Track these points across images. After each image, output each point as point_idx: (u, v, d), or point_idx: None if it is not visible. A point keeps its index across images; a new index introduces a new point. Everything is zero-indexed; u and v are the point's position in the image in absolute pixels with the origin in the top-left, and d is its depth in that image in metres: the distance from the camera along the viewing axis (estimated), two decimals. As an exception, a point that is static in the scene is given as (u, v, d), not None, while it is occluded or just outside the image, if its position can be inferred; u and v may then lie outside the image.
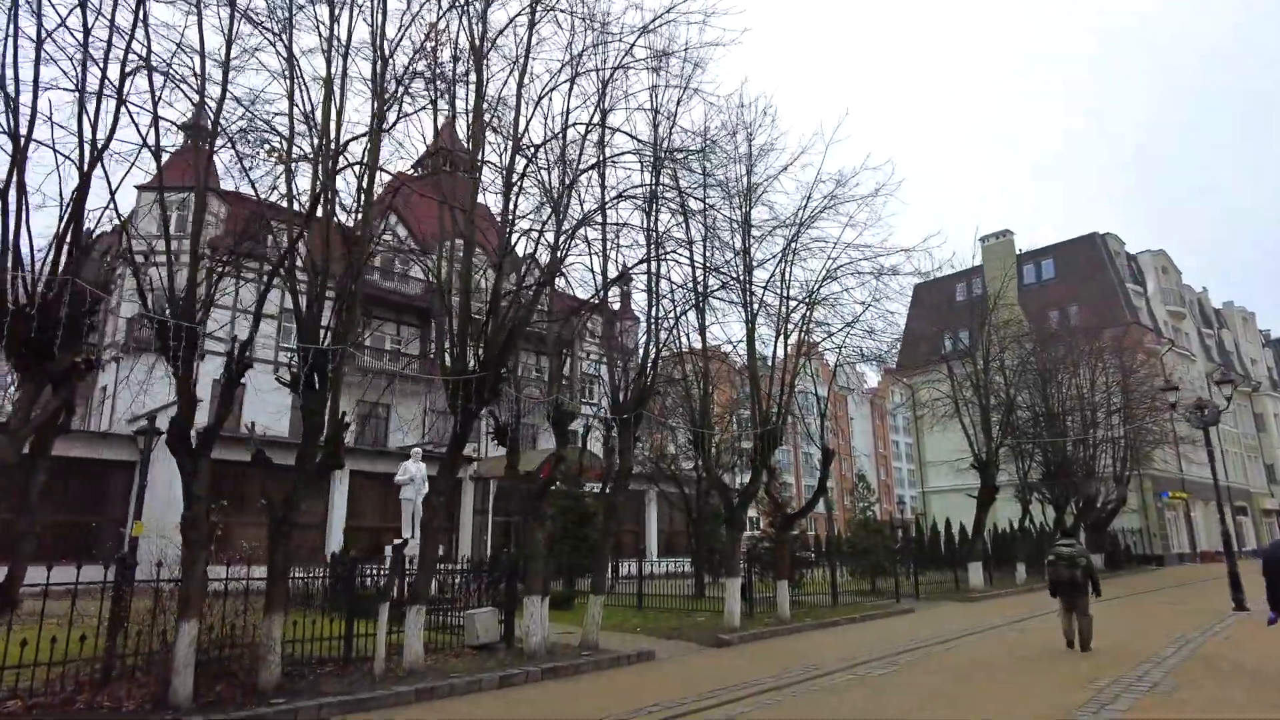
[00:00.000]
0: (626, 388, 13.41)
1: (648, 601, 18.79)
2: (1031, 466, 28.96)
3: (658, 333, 13.11)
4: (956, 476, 38.23)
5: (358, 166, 9.27)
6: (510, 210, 10.36)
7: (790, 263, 14.80)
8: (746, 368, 15.38)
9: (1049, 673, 10.31)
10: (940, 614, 18.93)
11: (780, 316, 14.99)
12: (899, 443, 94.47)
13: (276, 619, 8.97)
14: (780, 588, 16.10)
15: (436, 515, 10.37)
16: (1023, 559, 27.00)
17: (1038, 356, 27.60)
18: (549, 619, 12.16)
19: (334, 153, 8.94)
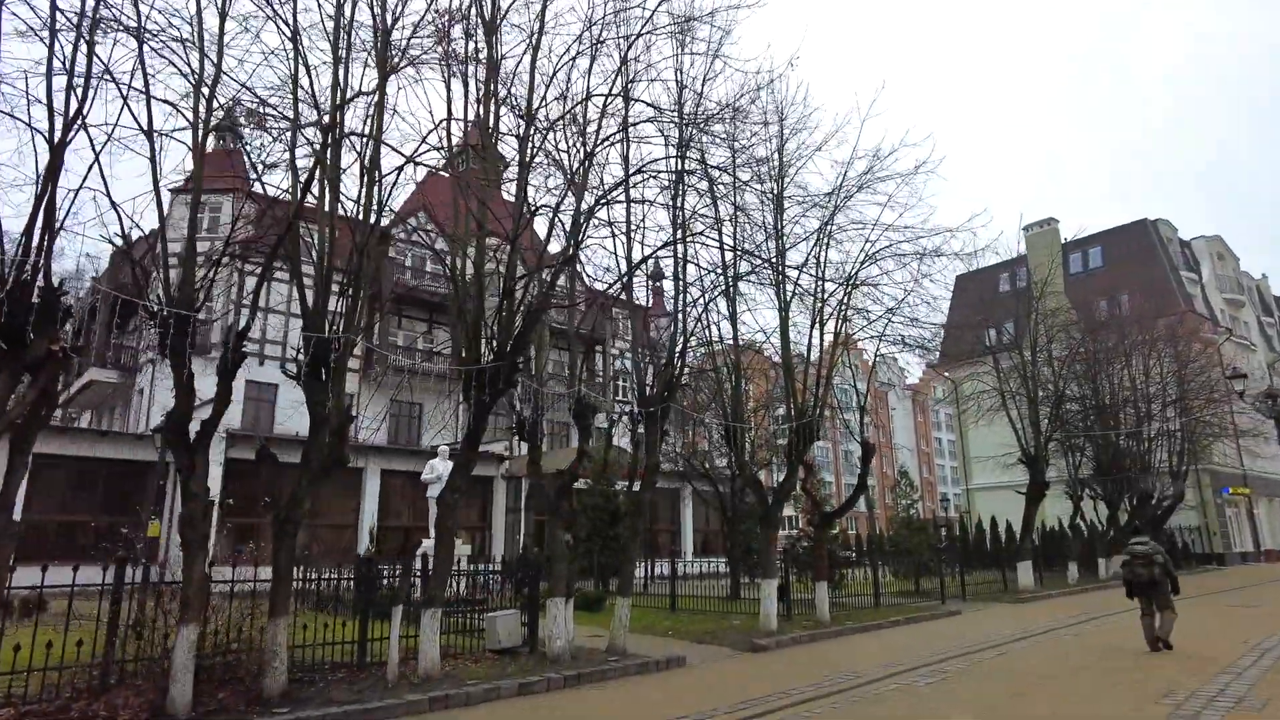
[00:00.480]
0: (653, 379, 12.77)
1: (681, 603, 18.13)
2: (1082, 461, 27.67)
3: (685, 321, 12.44)
4: (1002, 473, 36.85)
5: (360, 139, 8.73)
6: (524, 187, 9.77)
7: (826, 245, 14.03)
8: (780, 358, 14.61)
9: (1116, 684, 9.46)
10: (989, 616, 18.00)
11: (816, 298, 14.20)
12: (941, 439, 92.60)
13: (281, 623, 8.51)
14: (819, 589, 15.35)
15: (451, 514, 9.84)
16: (1074, 558, 25.79)
17: (1087, 345, 26.29)
18: (576, 622, 11.62)
19: (333, 123, 8.41)
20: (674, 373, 12.64)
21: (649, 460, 12.55)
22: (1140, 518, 30.17)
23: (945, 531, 39.24)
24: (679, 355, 12.47)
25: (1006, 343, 26.72)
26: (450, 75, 9.83)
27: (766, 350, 15.24)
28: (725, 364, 14.74)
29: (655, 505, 37.00)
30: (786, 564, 16.03)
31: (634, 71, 10.60)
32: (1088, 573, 26.47)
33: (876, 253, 14.34)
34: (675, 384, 12.74)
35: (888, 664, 11.19)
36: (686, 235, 11.89)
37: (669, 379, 12.61)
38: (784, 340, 14.34)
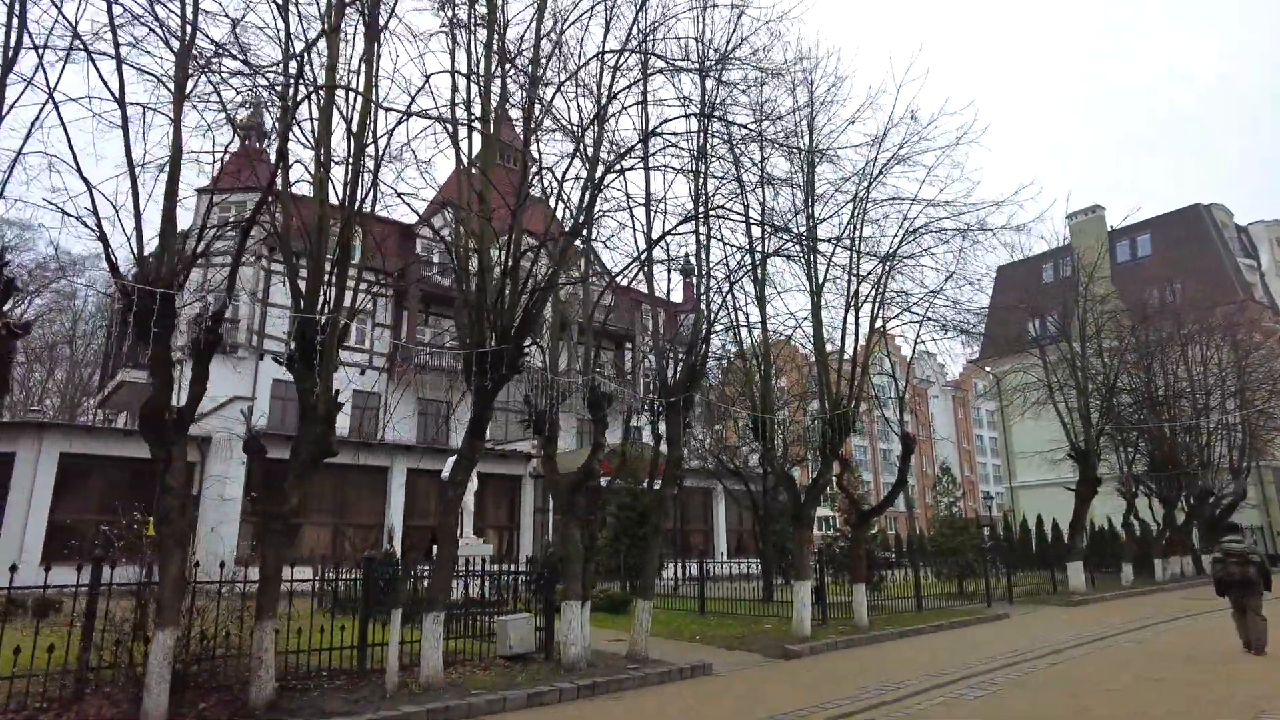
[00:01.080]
0: (675, 367, 11.98)
1: (711, 606, 17.31)
2: (1135, 457, 26.20)
3: (709, 304, 11.62)
4: (1049, 470, 35.37)
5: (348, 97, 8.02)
6: (528, 146, 9.00)
7: (861, 220, 13.06)
8: (812, 346, 13.71)
9: (1195, 700, 8.45)
10: (1038, 620, 16.89)
11: (851, 275, 13.23)
12: (983, 437, 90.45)
13: (268, 627, 7.88)
14: (856, 592, 14.42)
15: (453, 510, 9.15)
16: (1129, 559, 24.39)
17: (1139, 334, 24.81)
18: (600, 625, 10.91)
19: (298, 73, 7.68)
20: (697, 361, 11.83)
21: (671, 454, 11.76)
22: (1198, 516, 28.63)
23: (988, 531, 37.90)
24: (702, 342, 11.66)
25: (1053, 333, 25.46)
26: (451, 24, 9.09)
27: (797, 338, 14.31)
28: (753, 351, 13.87)
29: (687, 505, 36.20)
30: (821, 565, 15.13)
31: (650, 20, 9.75)
32: (1142, 574, 25.07)
33: (916, 230, 13.39)
34: (699, 373, 11.93)
35: (931, 673, 10.28)
36: (709, 209, 11.04)
37: (692, 368, 11.81)
38: (816, 325, 13.44)
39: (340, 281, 8.07)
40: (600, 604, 18.00)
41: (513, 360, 8.70)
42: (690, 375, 11.82)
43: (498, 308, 8.62)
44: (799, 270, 13.88)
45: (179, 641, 7.74)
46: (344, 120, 8.06)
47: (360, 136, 7.99)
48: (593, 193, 9.22)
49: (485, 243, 8.71)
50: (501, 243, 8.75)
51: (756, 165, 12.16)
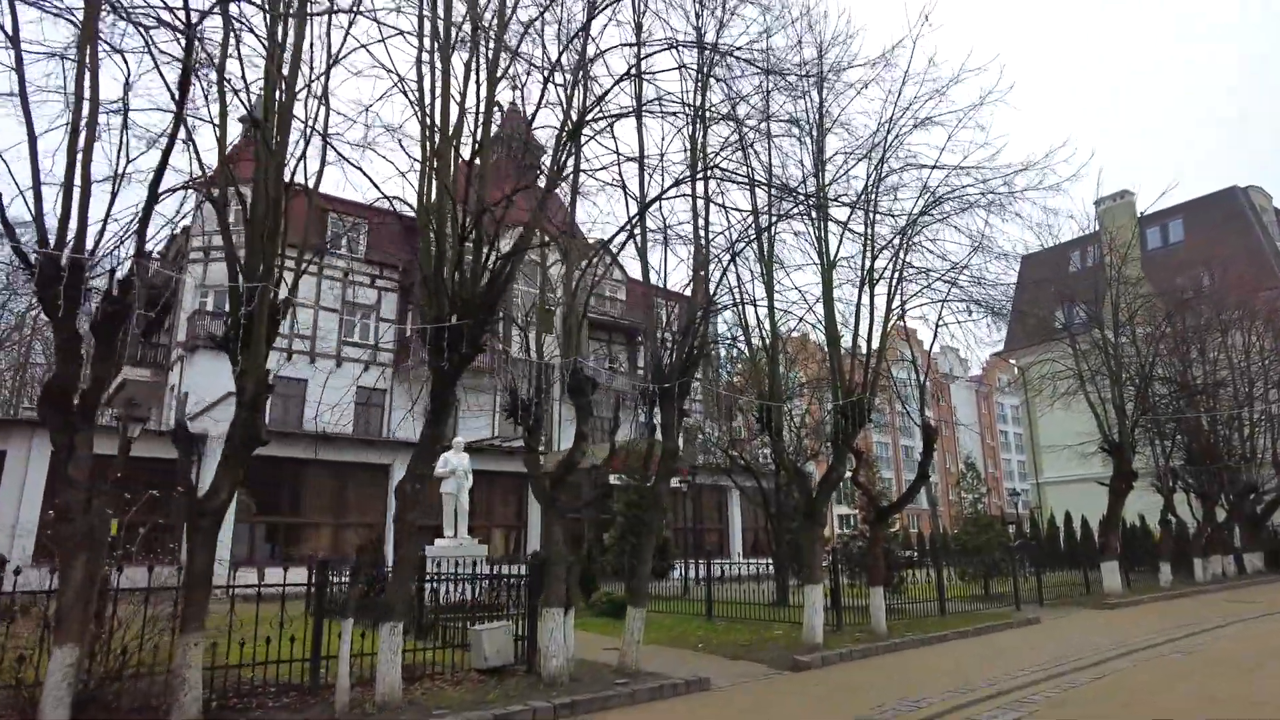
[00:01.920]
0: (671, 350, 10.90)
1: (720, 610, 16.21)
2: (1172, 450, 24.67)
3: (707, 279, 10.52)
4: (1078, 465, 33.87)
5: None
6: (495, 69, 7.88)
7: (876, 188, 11.90)
8: (823, 329, 12.52)
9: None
10: (1072, 625, 15.63)
11: (865, 246, 12.03)
12: (1007, 432, 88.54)
13: (193, 640, 6.89)
14: (874, 596, 13.26)
15: (412, 505, 8.12)
16: (1166, 558, 22.92)
17: (1176, 320, 23.28)
18: (600, 631, 9.89)
19: None
20: (694, 343, 10.73)
21: (665, 446, 10.68)
22: (1239, 513, 27.09)
23: (1014, 529, 36.45)
24: (699, 321, 10.56)
25: (1083, 319, 24.06)
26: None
27: (809, 321, 13.11)
28: (760, 334, 12.73)
29: (701, 503, 35.08)
30: (836, 566, 13.98)
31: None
32: (1180, 575, 23.60)
33: (937, 198, 12.19)
34: (695, 357, 10.83)
35: (956, 688, 9.13)
36: (707, 168, 9.88)
37: (688, 351, 10.72)
38: (827, 304, 12.27)
39: (271, 247, 7.04)
40: (602, 607, 16.95)
41: (474, 337, 7.65)
42: (686, 359, 10.72)
43: (456, 277, 7.57)
44: (808, 247, 12.76)
45: (90, 658, 6.79)
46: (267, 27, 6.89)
47: (296, 62, 6.93)
48: (570, 138, 8.13)
49: (444, 201, 7.65)
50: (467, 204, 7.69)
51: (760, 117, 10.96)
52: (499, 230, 7.82)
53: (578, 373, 9.56)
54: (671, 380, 10.54)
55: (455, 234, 7.50)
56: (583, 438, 9.75)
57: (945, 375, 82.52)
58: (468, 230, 7.43)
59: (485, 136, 7.87)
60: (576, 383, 9.59)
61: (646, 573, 10.51)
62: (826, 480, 12.49)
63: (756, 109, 10.98)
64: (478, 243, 7.85)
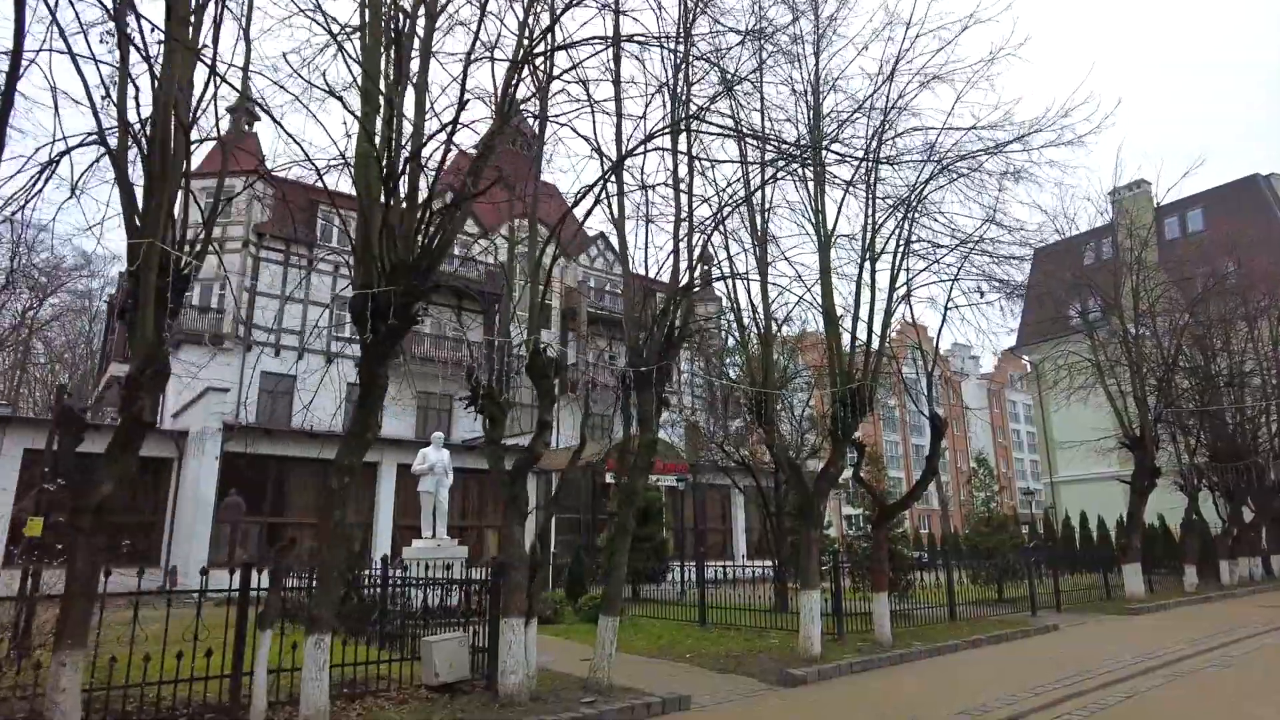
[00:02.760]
0: (648, 330, 9.82)
1: (715, 616, 15.12)
2: (1196, 447, 23.36)
3: (690, 246, 9.43)
4: (1093, 463, 32.63)
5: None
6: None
7: (878, 149, 10.71)
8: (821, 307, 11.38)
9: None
10: (1095, 634, 14.50)
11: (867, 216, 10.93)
12: (1019, 431, 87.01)
13: (70, 657, 5.86)
14: (877, 601, 12.15)
15: (339, 502, 7.08)
16: (1191, 560, 21.65)
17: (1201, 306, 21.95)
18: (580, 640, 8.89)
19: None
20: (674, 322, 9.66)
21: (642, 437, 9.61)
22: (1266, 513, 25.77)
23: (1028, 529, 35.25)
24: (680, 296, 9.47)
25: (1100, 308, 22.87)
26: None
27: (807, 300, 11.90)
28: (753, 314, 11.60)
29: (705, 503, 33.94)
30: (836, 568, 12.86)
31: None
32: (1205, 578, 22.35)
33: (944, 166, 11.04)
34: (678, 338, 9.76)
35: (968, 708, 8.04)
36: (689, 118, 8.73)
37: (669, 330, 9.65)
38: (825, 280, 11.10)
39: (168, 187, 5.98)
40: (589, 613, 15.88)
41: (405, 306, 6.60)
42: (666, 340, 9.66)
43: (384, 236, 6.51)
44: (804, 220, 11.65)
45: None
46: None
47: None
48: (523, 63, 7.04)
49: (367, 145, 6.57)
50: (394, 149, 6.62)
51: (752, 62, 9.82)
52: (435, 184, 6.78)
53: (538, 353, 8.50)
54: (649, 363, 9.48)
55: (381, 185, 6.44)
56: (545, 426, 8.70)
57: (957, 373, 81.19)
58: (390, 177, 6.36)
59: (422, 75, 6.83)
60: (537, 364, 8.53)
61: (620, 577, 9.43)
62: (824, 476, 11.36)
63: (747, 54, 9.85)
64: (410, 197, 6.81)
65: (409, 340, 32.01)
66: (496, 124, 7.10)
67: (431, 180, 6.92)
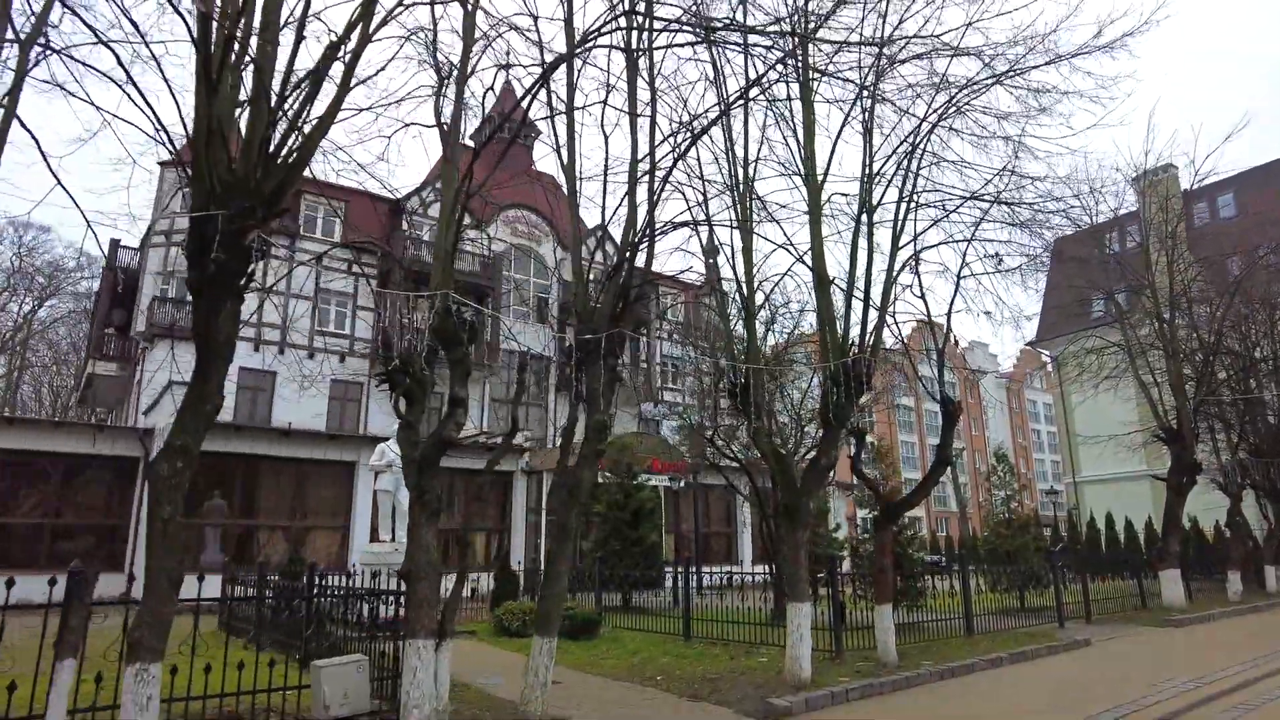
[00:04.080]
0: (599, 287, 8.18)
1: (702, 628, 13.40)
2: (1240, 441, 21.29)
3: (652, 177, 7.73)
4: (1119, 461, 30.71)
5: None
6: None
7: (875, 87, 8.95)
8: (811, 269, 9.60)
9: None
10: (1133, 650, 12.69)
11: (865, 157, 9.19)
12: (1040, 431, 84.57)
13: None
14: (880, 615, 10.41)
15: (170, 495, 5.47)
16: (1235, 566, 19.64)
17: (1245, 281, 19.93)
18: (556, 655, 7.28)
19: None
20: (630, 276, 8.01)
21: (591, 419, 7.96)
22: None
23: (1050, 532, 33.30)
24: (639, 239, 7.80)
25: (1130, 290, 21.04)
26: None
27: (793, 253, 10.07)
28: (733, 270, 9.82)
29: (708, 505, 32.22)
30: (833, 575, 11.11)
31: None
32: (1249, 585, 20.36)
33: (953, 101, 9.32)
34: (633, 297, 8.10)
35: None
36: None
37: (622, 288, 8.01)
38: (815, 232, 9.29)
39: None
40: (561, 629, 14.20)
41: (238, 236, 4.96)
42: (620, 300, 8.01)
43: (206, 138, 4.89)
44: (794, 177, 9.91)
45: None
46: None
47: None
48: None
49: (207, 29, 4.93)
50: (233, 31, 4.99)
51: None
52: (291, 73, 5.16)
53: (448, 314, 6.87)
54: (598, 329, 7.83)
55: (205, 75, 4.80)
56: (458, 404, 7.08)
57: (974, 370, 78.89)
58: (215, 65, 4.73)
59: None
60: (446, 328, 6.90)
61: (559, 591, 7.77)
62: (814, 467, 9.60)
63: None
64: (255, 99, 5.21)
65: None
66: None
67: (285, 69, 5.31)
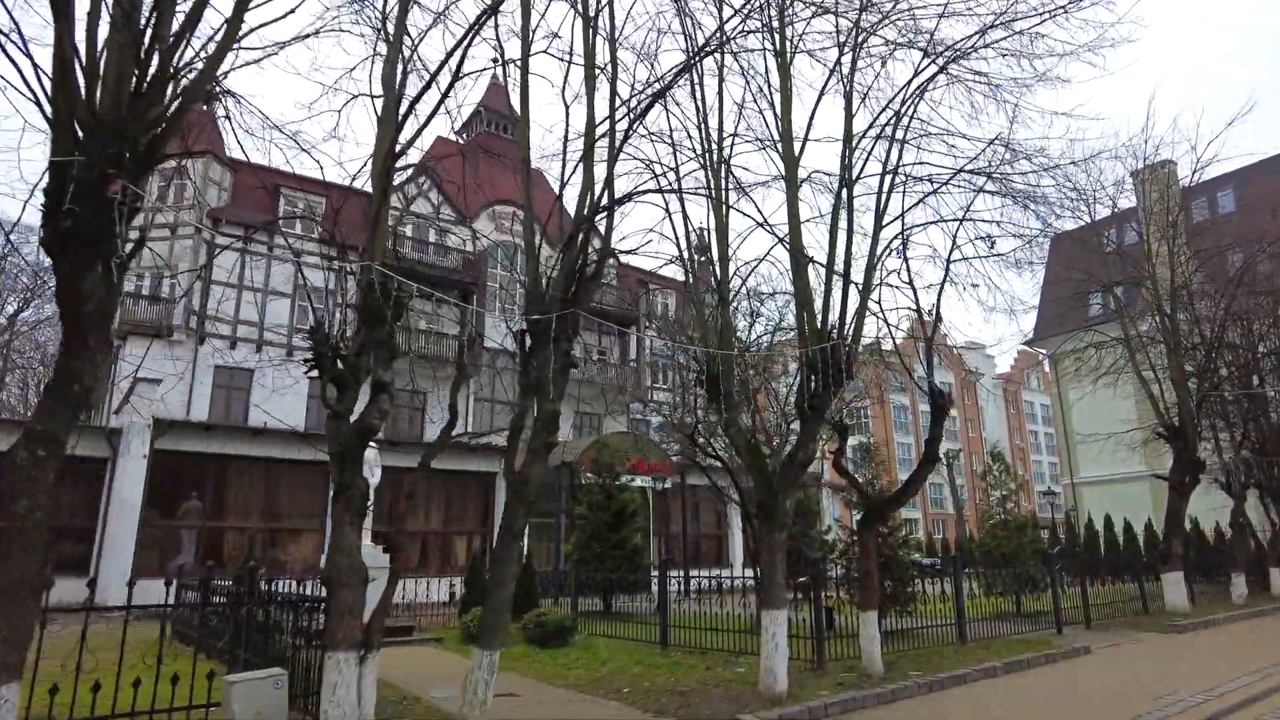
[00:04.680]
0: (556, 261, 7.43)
1: (681, 636, 12.64)
2: (1243, 440, 20.55)
3: (612, 141, 6.96)
4: (1119, 461, 30.03)
5: None
6: None
7: (858, 41, 8.19)
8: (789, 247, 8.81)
9: None
10: (1136, 658, 11.95)
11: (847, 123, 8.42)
12: (1037, 433, 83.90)
13: None
14: (864, 623, 9.66)
15: (24, 488, 4.71)
16: (1240, 568, 18.86)
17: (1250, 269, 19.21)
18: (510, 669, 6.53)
19: None
20: (586, 251, 7.26)
21: (541, 409, 7.21)
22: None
23: (1048, 533, 32.59)
24: (595, 210, 7.05)
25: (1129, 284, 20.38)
26: None
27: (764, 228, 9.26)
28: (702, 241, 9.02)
29: (698, 507, 31.47)
30: (816, 579, 10.37)
31: None
32: (1253, 588, 19.60)
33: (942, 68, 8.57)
34: (590, 273, 7.36)
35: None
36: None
37: (577, 262, 7.27)
38: (790, 192, 8.49)
39: None
40: (533, 633, 13.43)
41: (94, 183, 4.22)
42: (574, 276, 7.27)
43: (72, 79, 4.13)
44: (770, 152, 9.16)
45: None
46: None
47: None
48: None
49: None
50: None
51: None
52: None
53: (371, 288, 6.12)
54: (549, 309, 7.09)
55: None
56: (381, 390, 6.31)
57: (971, 372, 78.14)
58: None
59: None
60: (371, 304, 6.15)
61: (502, 599, 6.98)
62: (791, 462, 8.84)
63: None
64: (115, 24, 4.46)
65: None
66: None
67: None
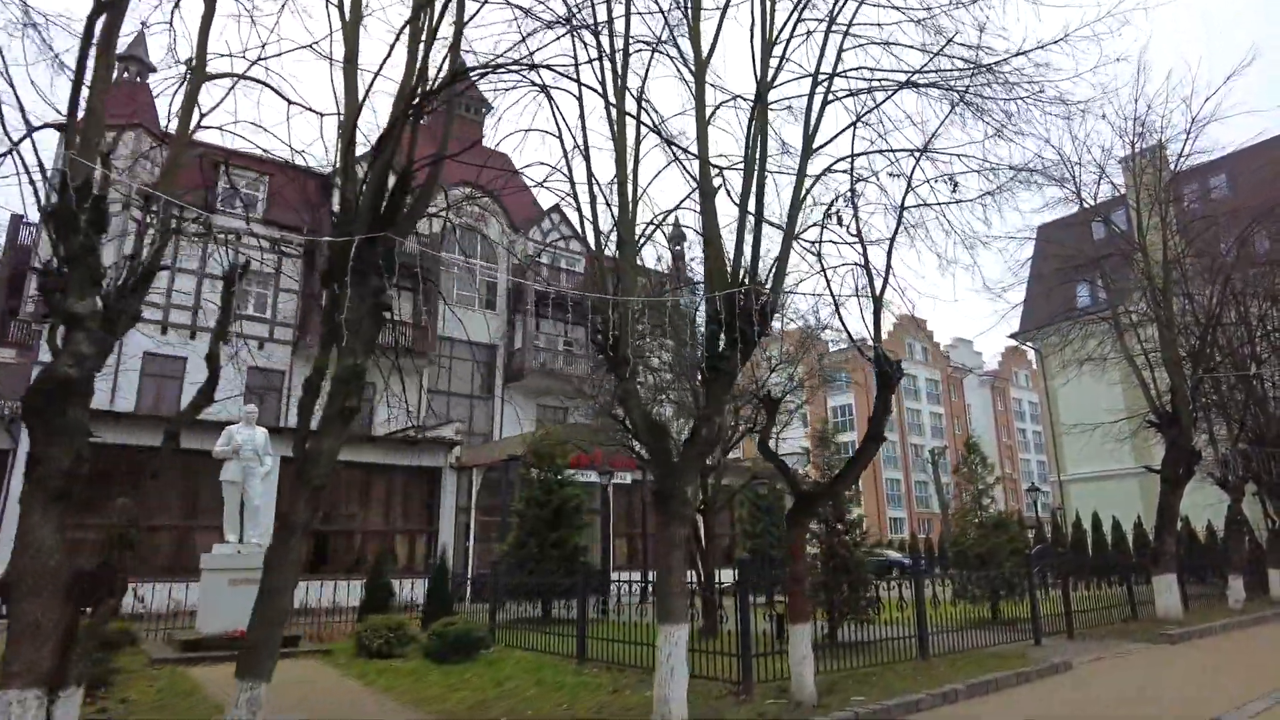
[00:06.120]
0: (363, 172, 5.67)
1: (600, 649, 10.85)
2: (1241, 432, 18.85)
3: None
4: (1107, 457, 28.40)
5: None
6: None
7: None
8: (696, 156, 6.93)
9: None
10: (1122, 676, 10.25)
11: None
12: (1025, 431, 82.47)
13: None
14: (793, 639, 7.89)
15: None
16: (1238, 570, 17.17)
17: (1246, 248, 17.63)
18: (405, 683, 4.77)
19: None
20: (404, 155, 5.51)
21: (341, 363, 5.45)
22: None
23: (1034, 533, 31.04)
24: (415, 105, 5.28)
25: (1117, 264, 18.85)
26: None
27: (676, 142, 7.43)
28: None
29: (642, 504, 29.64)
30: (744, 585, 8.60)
31: None
32: (1251, 591, 17.95)
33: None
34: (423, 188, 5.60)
35: None
36: None
37: (389, 167, 5.53)
38: (700, 108, 6.65)
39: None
40: (435, 646, 11.57)
41: None
42: (383, 186, 5.51)
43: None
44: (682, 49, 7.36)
45: None
46: None
47: None
48: None
49: None
50: None
51: None
52: None
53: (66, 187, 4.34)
54: (354, 231, 5.34)
55: None
56: (75, 325, 4.51)
57: (957, 367, 76.59)
58: None
59: None
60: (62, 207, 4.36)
61: (275, 613, 5.17)
62: (693, 440, 7.03)
63: None
64: None
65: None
66: None
67: None
